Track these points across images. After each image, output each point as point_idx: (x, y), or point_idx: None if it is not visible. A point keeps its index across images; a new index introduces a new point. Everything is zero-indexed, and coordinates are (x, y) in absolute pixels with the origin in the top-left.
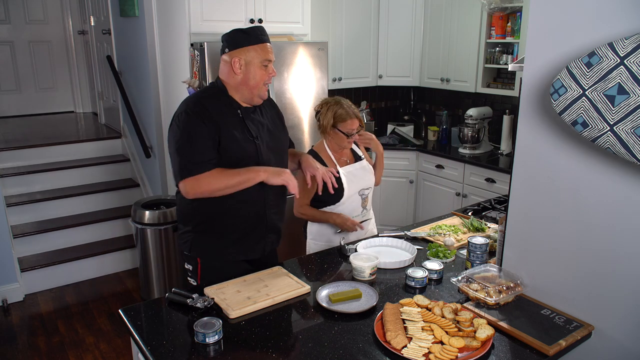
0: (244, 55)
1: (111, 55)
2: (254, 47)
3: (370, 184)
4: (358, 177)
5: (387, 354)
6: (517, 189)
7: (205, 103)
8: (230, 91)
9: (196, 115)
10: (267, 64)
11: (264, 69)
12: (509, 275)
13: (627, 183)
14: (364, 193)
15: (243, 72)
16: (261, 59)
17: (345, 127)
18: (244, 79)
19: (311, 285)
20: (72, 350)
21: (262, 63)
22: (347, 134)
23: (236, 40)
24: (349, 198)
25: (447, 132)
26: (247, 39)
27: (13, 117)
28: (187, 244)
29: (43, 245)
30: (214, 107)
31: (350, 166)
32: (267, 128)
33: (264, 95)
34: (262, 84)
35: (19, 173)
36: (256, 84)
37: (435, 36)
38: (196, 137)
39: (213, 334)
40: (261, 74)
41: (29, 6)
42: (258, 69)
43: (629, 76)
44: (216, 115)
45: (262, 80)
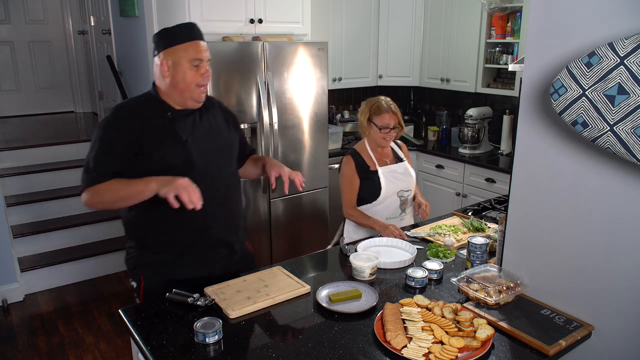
0: (171, 56)
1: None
2: (182, 46)
3: (410, 186)
4: (397, 178)
5: (387, 354)
6: (517, 189)
7: (131, 108)
8: (162, 95)
9: (115, 121)
10: (198, 63)
11: (195, 69)
12: (509, 275)
13: (627, 183)
14: (402, 195)
15: (171, 74)
16: (190, 58)
17: (380, 120)
18: (172, 82)
19: (311, 285)
20: (72, 350)
21: (191, 63)
22: (381, 127)
23: (164, 40)
24: (386, 198)
25: (447, 132)
26: (173, 38)
27: (13, 117)
28: (131, 260)
29: (43, 245)
30: (139, 113)
31: (389, 166)
32: (205, 129)
33: (198, 98)
34: (194, 85)
35: (19, 173)
36: (186, 86)
37: (435, 36)
38: (105, 147)
39: (213, 334)
40: (191, 75)
41: (29, 6)
42: (187, 70)
43: (629, 76)
44: (139, 121)
45: (193, 82)
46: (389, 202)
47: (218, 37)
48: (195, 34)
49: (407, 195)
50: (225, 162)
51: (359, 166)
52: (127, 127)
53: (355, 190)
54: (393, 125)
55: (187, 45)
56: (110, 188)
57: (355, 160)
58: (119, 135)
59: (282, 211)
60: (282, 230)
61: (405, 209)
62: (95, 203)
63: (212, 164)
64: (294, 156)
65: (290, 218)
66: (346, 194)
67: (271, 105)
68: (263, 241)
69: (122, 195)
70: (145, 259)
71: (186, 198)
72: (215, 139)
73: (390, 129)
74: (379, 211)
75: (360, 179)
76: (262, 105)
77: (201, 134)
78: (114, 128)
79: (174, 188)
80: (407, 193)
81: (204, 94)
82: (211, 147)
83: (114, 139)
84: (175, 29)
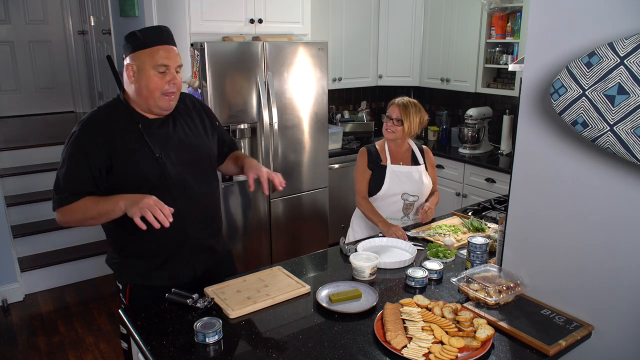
0: (136, 61)
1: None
2: (147, 51)
3: (417, 192)
4: (404, 180)
5: (387, 354)
6: (517, 189)
7: (100, 121)
8: (131, 103)
9: (84, 136)
10: (164, 70)
11: (160, 76)
12: (509, 275)
13: (628, 183)
14: (407, 199)
15: (136, 80)
16: (154, 63)
17: (388, 111)
18: (138, 88)
19: (311, 285)
20: (72, 350)
21: (156, 69)
22: (386, 117)
23: (130, 43)
24: (389, 197)
25: (447, 132)
26: (139, 41)
27: (13, 117)
28: (114, 265)
29: (43, 245)
30: (108, 126)
31: (400, 166)
32: (179, 139)
33: (164, 107)
34: (159, 93)
35: (19, 173)
36: (150, 94)
37: (435, 36)
38: (75, 165)
39: (213, 334)
40: (155, 82)
41: (29, 6)
42: (152, 76)
43: (629, 76)
44: (109, 135)
45: (158, 89)
46: (392, 201)
47: (218, 37)
48: (163, 38)
49: (412, 200)
50: (202, 171)
51: (371, 157)
52: (96, 143)
53: (366, 181)
54: (394, 117)
55: (152, 50)
56: (81, 207)
57: (369, 152)
58: (88, 152)
59: (282, 211)
60: (282, 230)
61: (408, 214)
62: (67, 222)
63: (188, 176)
64: (294, 156)
65: (290, 218)
66: (358, 183)
67: (271, 105)
68: (263, 241)
69: (93, 214)
70: (128, 266)
71: (151, 218)
72: (190, 149)
73: (391, 119)
74: (380, 207)
75: (370, 169)
76: (262, 105)
77: (175, 146)
78: (83, 143)
79: (139, 209)
80: (412, 198)
81: (173, 102)
82: (186, 159)
83: (83, 156)
84: (143, 32)
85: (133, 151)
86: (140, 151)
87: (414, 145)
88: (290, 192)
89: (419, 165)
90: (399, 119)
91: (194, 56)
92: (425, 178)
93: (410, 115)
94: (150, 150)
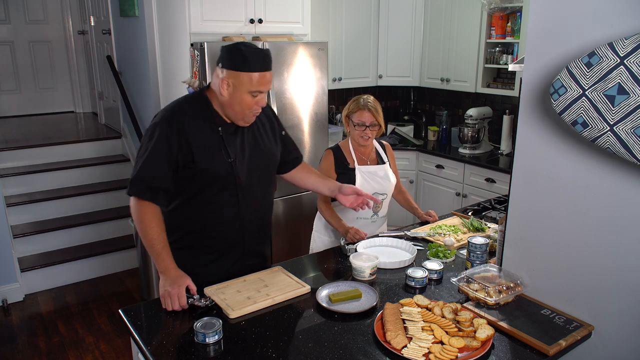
0: (234, 79)
1: (111, 55)
2: (249, 74)
3: (386, 190)
4: (374, 180)
5: (387, 354)
6: (517, 189)
7: (184, 120)
8: (215, 104)
9: (171, 126)
10: (257, 94)
11: (253, 98)
12: (509, 275)
13: (628, 183)
14: (377, 197)
15: (229, 94)
16: (253, 89)
17: (356, 117)
18: (229, 101)
19: (311, 285)
20: (72, 350)
21: (252, 93)
22: (356, 124)
23: (233, 61)
24: None
25: (447, 132)
26: (244, 65)
27: (13, 117)
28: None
29: (43, 245)
30: (192, 125)
31: (369, 167)
32: (249, 148)
33: (249, 122)
34: (249, 111)
35: (19, 173)
36: (241, 111)
37: (435, 36)
38: (156, 157)
39: (213, 334)
40: (248, 102)
41: (29, 6)
42: (246, 96)
43: (629, 76)
44: (192, 135)
45: (249, 108)
46: None
47: (218, 37)
48: (267, 64)
49: (381, 199)
50: (267, 179)
51: (337, 161)
52: (182, 135)
53: None
54: (369, 124)
55: (254, 76)
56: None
57: (335, 155)
58: (172, 144)
59: (282, 211)
60: (282, 230)
61: (377, 212)
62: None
63: (255, 183)
64: None
65: (290, 218)
66: None
67: (271, 105)
68: None
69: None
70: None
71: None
72: (260, 156)
73: (366, 126)
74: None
75: (337, 174)
76: None
77: (247, 152)
78: (170, 133)
79: (164, 292)
80: (382, 196)
81: (254, 118)
82: (256, 166)
83: (166, 148)
84: (249, 53)
85: (211, 152)
86: (217, 152)
87: (376, 143)
88: (290, 192)
89: (385, 164)
90: (374, 123)
91: (194, 56)
92: (391, 175)
93: (380, 113)
94: (227, 154)
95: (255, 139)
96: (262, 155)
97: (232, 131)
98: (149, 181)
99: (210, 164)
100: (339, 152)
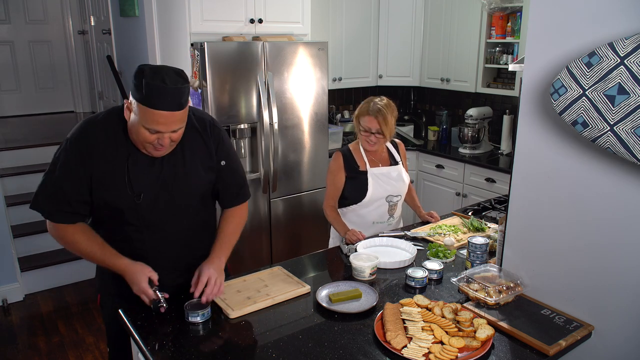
0: (134, 106)
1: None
2: (145, 109)
3: (400, 192)
4: (387, 182)
5: (387, 354)
6: (517, 189)
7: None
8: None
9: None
10: (155, 132)
11: (150, 134)
12: (509, 275)
13: (628, 183)
14: (392, 200)
15: (130, 120)
16: (147, 125)
17: (363, 121)
18: (130, 127)
19: (311, 285)
20: (72, 350)
21: (147, 129)
22: (362, 128)
23: (134, 85)
24: (374, 201)
25: (447, 132)
26: (139, 95)
27: (13, 117)
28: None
29: (43, 245)
30: (101, 145)
31: (380, 168)
32: (166, 180)
33: (152, 154)
34: (148, 144)
35: (19, 173)
36: (140, 142)
37: (435, 36)
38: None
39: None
40: (145, 136)
41: (29, 6)
42: (142, 129)
43: (629, 76)
44: (97, 156)
45: (146, 141)
46: (377, 205)
47: (218, 37)
48: (166, 104)
49: (396, 201)
50: (185, 210)
51: (347, 164)
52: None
53: (337, 188)
54: (375, 131)
55: (149, 112)
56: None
57: (345, 157)
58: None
59: (282, 211)
60: (282, 230)
61: (393, 214)
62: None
63: (167, 218)
64: (294, 156)
65: (290, 218)
66: (328, 190)
67: (271, 105)
68: (263, 241)
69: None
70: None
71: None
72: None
73: (372, 133)
74: (366, 214)
75: (348, 177)
76: (262, 105)
77: (158, 187)
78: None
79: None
80: (396, 198)
81: (162, 153)
82: (170, 200)
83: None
84: (152, 88)
85: (114, 182)
86: (121, 185)
87: (389, 143)
88: (290, 192)
89: (398, 164)
90: (380, 131)
91: (194, 56)
92: (405, 176)
93: (389, 122)
94: (131, 188)
95: (176, 168)
96: (181, 189)
97: (144, 164)
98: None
99: (112, 196)
100: (348, 154)
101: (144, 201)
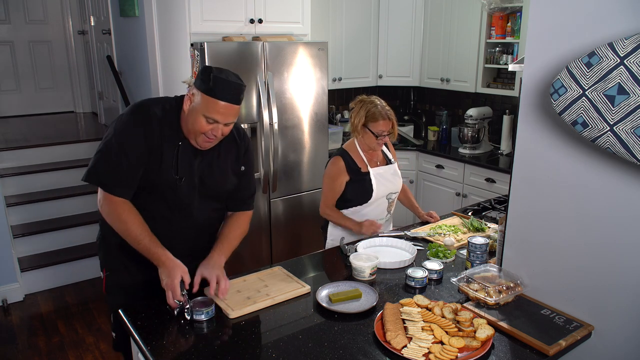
0: (196, 97)
1: (111, 55)
2: (208, 99)
3: (397, 188)
4: (388, 180)
5: (387, 354)
6: (517, 189)
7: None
8: (182, 115)
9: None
10: (212, 122)
11: (207, 124)
12: (509, 275)
13: (628, 183)
14: (391, 197)
15: (188, 110)
16: (208, 114)
17: (376, 127)
18: (186, 117)
19: (311, 285)
20: (72, 350)
21: (206, 117)
22: (377, 134)
23: (201, 80)
24: (376, 200)
25: (447, 132)
26: (205, 86)
27: (13, 117)
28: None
29: (43, 245)
30: (161, 124)
31: (380, 168)
32: (204, 170)
33: (201, 145)
34: (201, 134)
35: (19, 173)
36: (194, 131)
37: (435, 36)
38: (128, 154)
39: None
40: (201, 125)
41: (29, 6)
42: (200, 118)
43: (629, 76)
44: (157, 135)
45: (201, 131)
46: (378, 203)
47: (218, 37)
48: (230, 96)
49: (394, 197)
50: (212, 201)
51: (349, 167)
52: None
53: (336, 192)
54: (387, 132)
55: (213, 102)
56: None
57: (346, 160)
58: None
59: (282, 211)
60: (282, 230)
61: (390, 210)
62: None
63: (195, 206)
64: (294, 156)
65: (290, 218)
66: (325, 195)
67: (271, 105)
68: (263, 241)
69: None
70: (111, 253)
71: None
72: (209, 182)
73: (384, 135)
74: (368, 213)
75: (351, 181)
76: (262, 105)
77: (197, 175)
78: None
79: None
80: (394, 195)
81: (210, 144)
82: (202, 191)
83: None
84: (217, 79)
85: (165, 163)
86: (168, 166)
87: None
88: (290, 192)
89: (393, 163)
90: (390, 131)
91: (194, 56)
92: (398, 171)
93: (395, 122)
94: (176, 170)
95: (212, 164)
96: (211, 182)
97: (191, 152)
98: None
99: (158, 175)
100: (347, 156)
101: (184, 186)
